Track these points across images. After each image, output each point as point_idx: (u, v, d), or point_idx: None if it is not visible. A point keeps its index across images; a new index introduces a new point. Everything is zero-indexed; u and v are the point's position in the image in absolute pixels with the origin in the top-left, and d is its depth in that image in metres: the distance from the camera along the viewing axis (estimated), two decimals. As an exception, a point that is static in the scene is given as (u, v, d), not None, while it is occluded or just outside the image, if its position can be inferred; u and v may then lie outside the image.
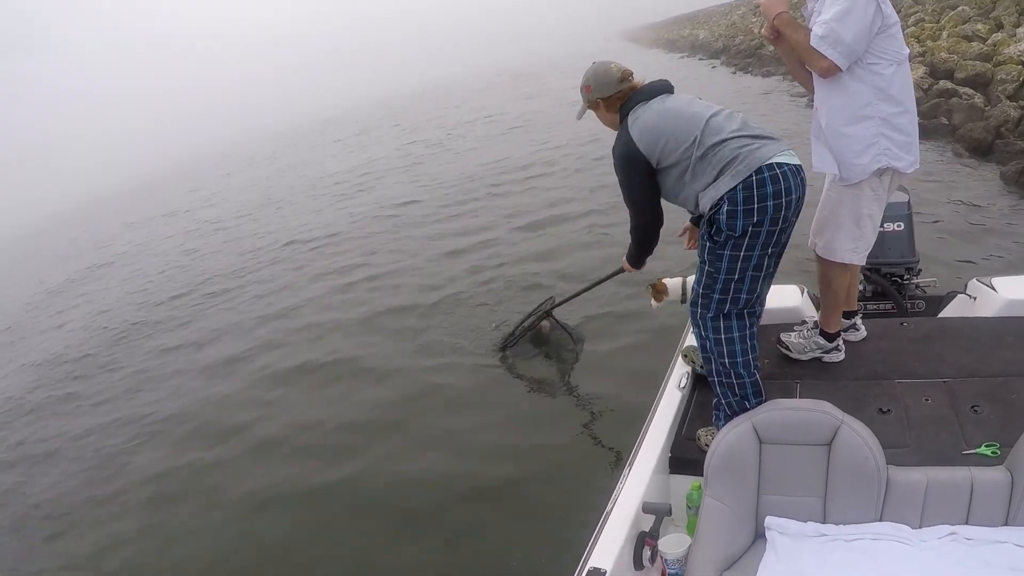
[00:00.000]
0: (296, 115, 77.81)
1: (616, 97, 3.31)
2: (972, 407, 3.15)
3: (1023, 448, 2.48)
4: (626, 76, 3.31)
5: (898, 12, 3.09)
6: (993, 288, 4.21)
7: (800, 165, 3.04)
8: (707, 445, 3.01)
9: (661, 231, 3.56)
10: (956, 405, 3.20)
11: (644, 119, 3.13)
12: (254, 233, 18.66)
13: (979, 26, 19.81)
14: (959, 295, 4.58)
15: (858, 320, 3.98)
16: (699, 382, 3.80)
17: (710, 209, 3.00)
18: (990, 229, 8.40)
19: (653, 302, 4.67)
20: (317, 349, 9.20)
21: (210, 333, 11.15)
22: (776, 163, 2.91)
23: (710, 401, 3.32)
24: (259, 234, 18.23)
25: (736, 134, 3.01)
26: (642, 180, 3.19)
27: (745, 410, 3.03)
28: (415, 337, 8.71)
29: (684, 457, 3.33)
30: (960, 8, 23.08)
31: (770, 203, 2.88)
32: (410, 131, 34.82)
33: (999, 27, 19.30)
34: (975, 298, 4.40)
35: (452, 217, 14.78)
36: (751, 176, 2.88)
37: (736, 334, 3.08)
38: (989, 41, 17.76)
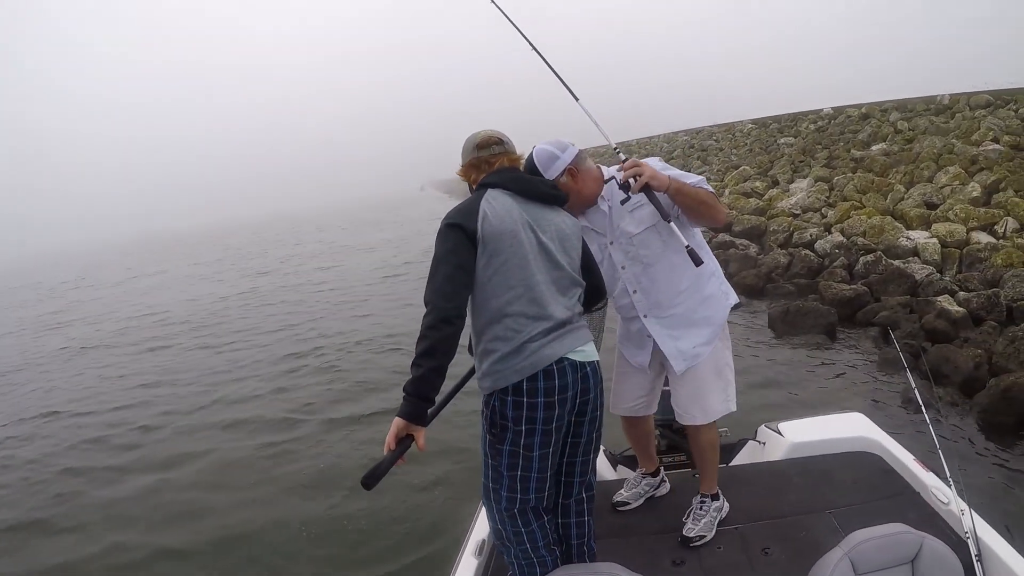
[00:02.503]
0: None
1: (472, 164, 2.81)
2: (763, 550, 3.20)
3: None
4: (485, 143, 2.78)
5: (688, 171, 3.31)
6: (780, 432, 4.35)
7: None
8: None
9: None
10: (748, 549, 3.25)
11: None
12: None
13: (757, 183, 22.06)
14: (750, 441, 4.68)
15: (664, 475, 3.99)
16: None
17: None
18: (775, 375, 8.99)
19: None
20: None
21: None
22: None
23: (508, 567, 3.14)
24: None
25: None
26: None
27: None
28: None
29: None
30: (742, 168, 25.66)
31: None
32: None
33: (775, 183, 21.58)
34: (764, 443, 4.51)
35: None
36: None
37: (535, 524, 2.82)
38: (765, 196, 19.82)
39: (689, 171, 3.23)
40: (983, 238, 12.21)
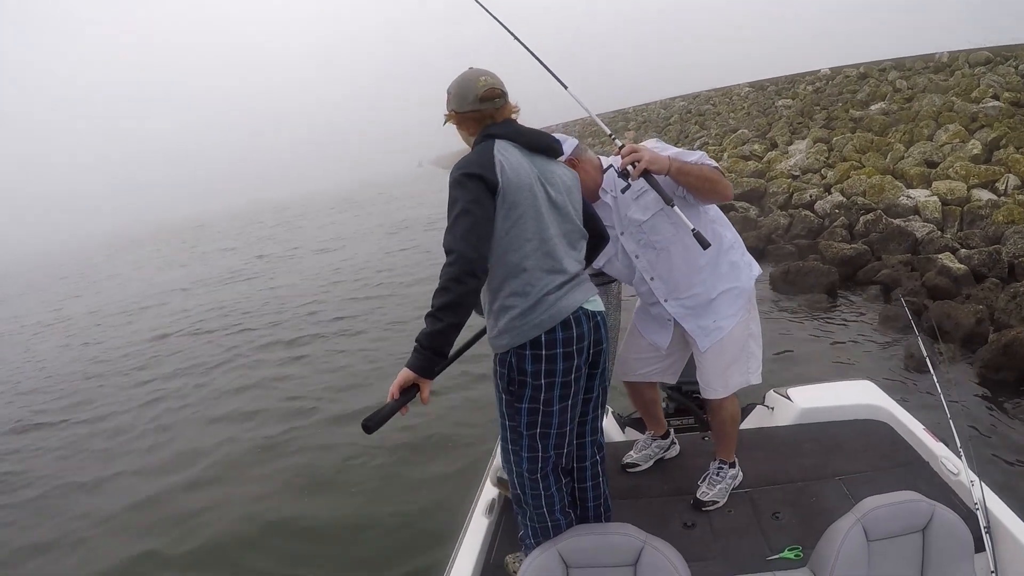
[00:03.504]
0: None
1: (471, 117, 2.69)
2: (774, 514, 3.24)
3: (824, 548, 2.55)
4: (489, 96, 2.65)
5: (686, 137, 3.29)
6: (789, 398, 4.38)
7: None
8: (515, 572, 2.96)
9: None
10: (758, 513, 3.28)
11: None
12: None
13: (756, 146, 21.94)
14: (758, 406, 4.68)
15: (673, 438, 3.99)
16: (508, 506, 3.66)
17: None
18: (778, 337, 8.86)
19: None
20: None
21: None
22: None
23: (518, 525, 3.14)
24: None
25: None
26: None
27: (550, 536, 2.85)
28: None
29: None
30: (740, 131, 25.51)
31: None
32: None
33: (773, 146, 21.47)
34: (773, 408, 4.54)
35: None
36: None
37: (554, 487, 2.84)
38: (764, 159, 19.72)
39: (687, 136, 3.19)
40: (984, 195, 12.19)
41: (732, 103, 38.69)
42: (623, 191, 3.06)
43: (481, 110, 2.66)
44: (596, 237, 2.88)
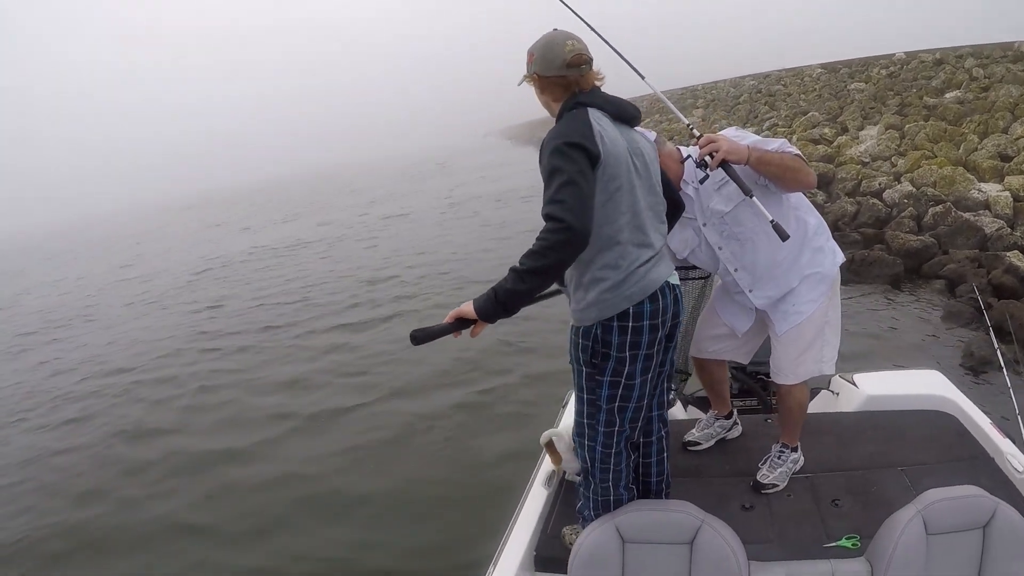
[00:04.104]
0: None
1: (556, 83, 2.61)
2: (833, 501, 3.19)
3: (882, 539, 2.52)
4: (576, 62, 2.55)
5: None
6: (854, 384, 4.30)
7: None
8: (572, 543, 2.91)
9: None
10: (818, 499, 3.24)
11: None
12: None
13: (826, 130, 21.62)
14: (823, 391, 4.59)
15: (736, 418, 3.98)
16: (566, 479, 3.70)
17: None
18: (842, 323, 8.75)
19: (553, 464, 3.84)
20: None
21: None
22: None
23: (576, 498, 3.21)
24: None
25: None
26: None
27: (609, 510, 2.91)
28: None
29: (549, 556, 3.20)
30: (810, 114, 25.11)
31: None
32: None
33: (844, 130, 21.11)
34: (837, 394, 4.46)
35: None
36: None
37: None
38: (834, 144, 19.47)
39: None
40: (1059, 193, 11.89)
41: (803, 84, 38.06)
42: (702, 181, 3.04)
43: (567, 76, 2.57)
44: (672, 206, 2.84)
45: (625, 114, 2.61)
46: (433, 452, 6.99)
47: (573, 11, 3.21)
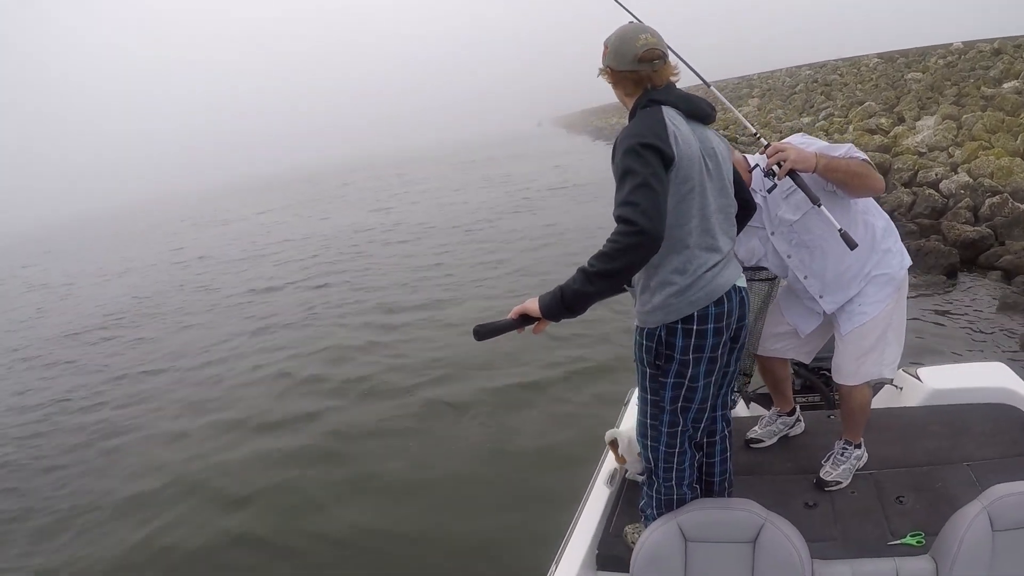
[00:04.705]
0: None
1: (628, 77, 2.56)
2: (897, 498, 3.13)
3: (947, 536, 2.48)
4: (648, 57, 2.49)
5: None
6: (918, 378, 4.24)
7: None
8: (634, 542, 2.90)
9: None
10: (882, 496, 3.17)
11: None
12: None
13: (883, 120, 21.46)
14: (886, 386, 4.46)
15: (799, 415, 3.94)
16: (628, 478, 3.67)
17: None
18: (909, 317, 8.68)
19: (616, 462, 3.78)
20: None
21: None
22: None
23: (638, 497, 3.17)
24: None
25: None
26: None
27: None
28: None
29: (611, 554, 3.19)
30: (867, 104, 24.86)
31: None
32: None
33: (900, 120, 20.90)
34: (901, 388, 4.39)
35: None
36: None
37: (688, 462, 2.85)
38: (891, 134, 19.36)
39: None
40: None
41: (860, 74, 37.57)
42: (770, 191, 3.05)
43: (639, 71, 2.52)
44: (743, 207, 2.80)
45: (699, 112, 2.56)
46: (483, 444, 7.06)
47: (628, 10, 3.11)
